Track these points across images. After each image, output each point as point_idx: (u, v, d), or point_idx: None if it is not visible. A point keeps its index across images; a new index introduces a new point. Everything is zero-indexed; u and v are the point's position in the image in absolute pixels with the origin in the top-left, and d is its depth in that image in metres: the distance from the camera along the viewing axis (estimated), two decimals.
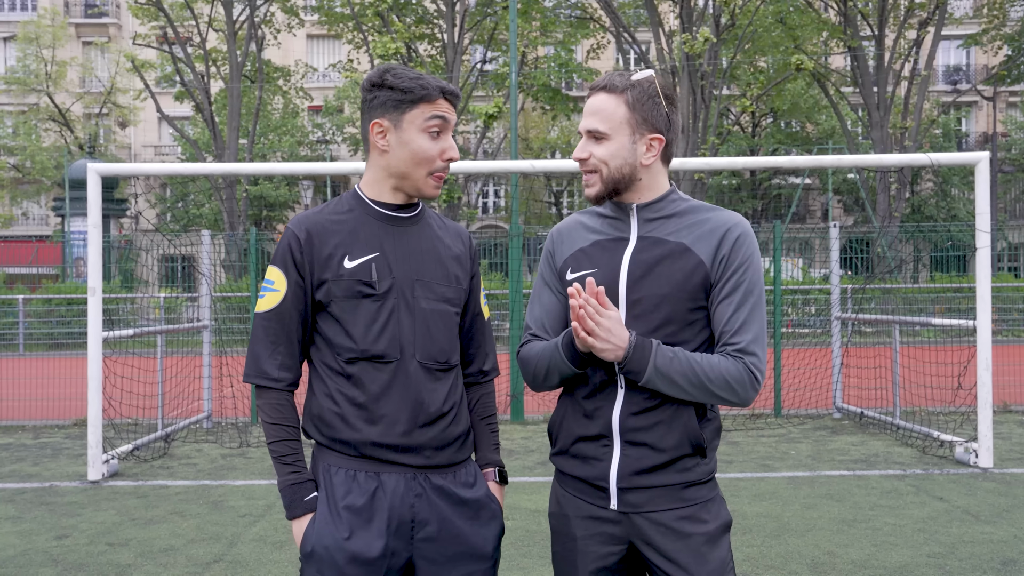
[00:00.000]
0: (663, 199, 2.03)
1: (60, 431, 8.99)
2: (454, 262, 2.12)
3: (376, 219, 2.06)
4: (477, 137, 29.55)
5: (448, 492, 2.04)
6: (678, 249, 1.97)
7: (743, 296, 1.95)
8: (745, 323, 1.95)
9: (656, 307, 1.96)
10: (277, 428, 2.02)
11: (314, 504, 2.00)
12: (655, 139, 2.00)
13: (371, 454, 1.99)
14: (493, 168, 7.90)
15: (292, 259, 2.02)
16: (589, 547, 2.02)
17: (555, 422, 2.12)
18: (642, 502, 1.97)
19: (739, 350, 1.94)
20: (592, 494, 2.02)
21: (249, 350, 2.06)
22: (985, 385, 6.79)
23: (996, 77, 29.96)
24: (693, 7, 23.02)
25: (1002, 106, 37.17)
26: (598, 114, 1.98)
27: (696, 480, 2.00)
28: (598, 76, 29.77)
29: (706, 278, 1.96)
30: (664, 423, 1.96)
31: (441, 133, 2.02)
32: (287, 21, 28.93)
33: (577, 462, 2.05)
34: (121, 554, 4.83)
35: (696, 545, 1.96)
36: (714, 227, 1.98)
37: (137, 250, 21.27)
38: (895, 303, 15.45)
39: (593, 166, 2.00)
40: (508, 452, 7.60)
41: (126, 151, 40.10)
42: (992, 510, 5.53)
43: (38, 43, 35.18)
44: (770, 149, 35.53)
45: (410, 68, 2.03)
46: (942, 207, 35.40)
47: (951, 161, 7.44)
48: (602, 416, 2.00)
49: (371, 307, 2.00)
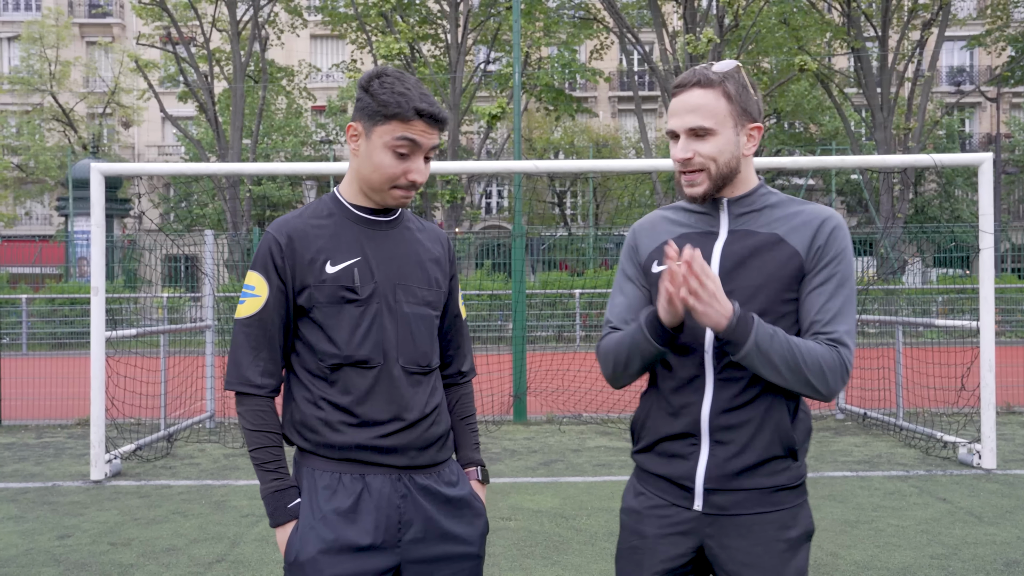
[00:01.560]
0: (753, 193, 1.99)
1: (63, 431, 9.00)
2: (434, 265, 2.11)
3: (356, 223, 2.04)
4: (480, 137, 29.55)
5: (433, 491, 2.03)
6: (771, 240, 1.92)
7: (836, 287, 1.90)
8: (839, 313, 1.89)
9: (750, 298, 1.89)
10: (259, 435, 1.99)
11: (297, 511, 1.98)
12: (755, 128, 1.96)
13: (356, 457, 1.97)
14: (496, 168, 7.89)
15: (273, 264, 1.99)
16: (660, 546, 1.96)
17: (638, 419, 2.06)
18: (729, 504, 1.91)
19: (833, 339, 1.87)
20: (675, 493, 1.96)
21: (230, 357, 2.03)
22: (988, 386, 6.78)
23: (1000, 78, 29.90)
24: (697, 8, 23.00)
25: (1006, 107, 37.11)
26: (699, 110, 1.90)
27: (786, 484, 1.93)
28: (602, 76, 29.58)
29: (800, 268, 1.91)
30: (755, 422, 1.89)
31: (409, 155, 1.97)
32: (291, 21, 28.96)
33: (661, 460, 1.98)
34: (123, 554, 4.83)
35: (777, 552, 1.89)
36: (808, 219, 1.94)
37: (140, 250, 21.29)
38: (898, 304, 15.42)
39: (700, 164, 1.92)
40: (511, 452, 7.59)
41: (130, 151, 40.16)
42: (995, 511, 5.52)
43: (42, 43, 35.24)
44: (774, 150, 35.48)
45: (407, 77, 1.98)
46: (945, 208, 35.35)
47: (955, 162, 7.42)
48: (690, 413, 1.93)
49: (354, 312, 1.98)
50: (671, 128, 1.96)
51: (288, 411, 2.05)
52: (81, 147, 33.91)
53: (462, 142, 32.84)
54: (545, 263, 22.31)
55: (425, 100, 1.95)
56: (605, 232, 28.23)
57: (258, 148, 29.31)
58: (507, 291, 15.04)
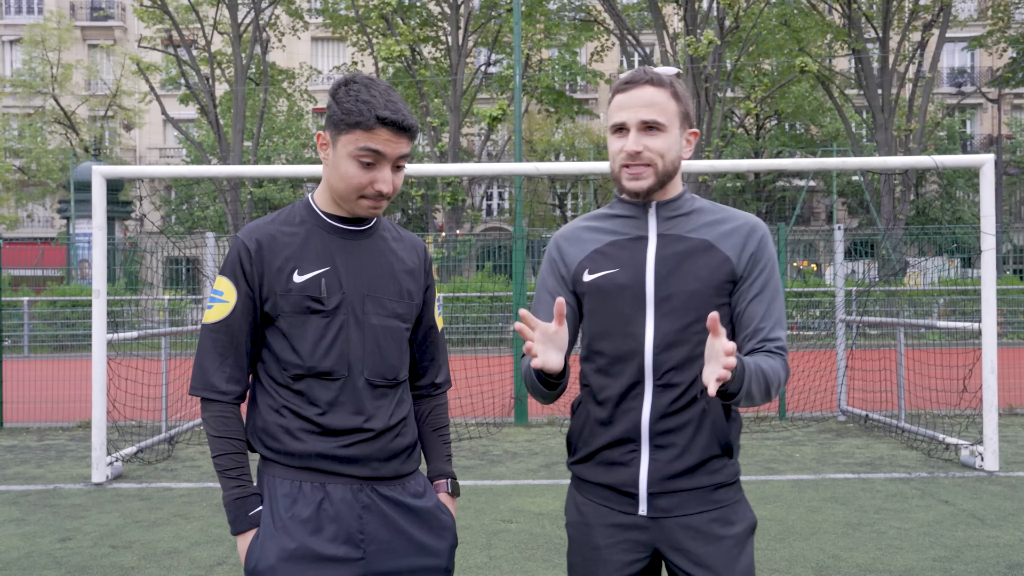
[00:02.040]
0: (680, 197, 2.03)
1: (64, 433, 9.00)
2: (407, 276, 2.08)
3: (328, 232, 2.01)
4: (481, 139, 29.55)
5: (397, 502, 2.00)
6: (702, 246, 1.96)
7: (773, 294, 1.97)
8: (779, 321, 1.97)
9: (685, 304, 1.93)
10: (223, 441, 1.97)
11: (258, 519, 1.96)
12: (693, 134, 2.02)
13: (316, 466, 1.95)
14: (497, 170, 7.89)
15: (242, 270, 1.96)
16: (613, 556, 1.97)
17: (574, 430, 2.07)
18: (672, 506, 1.95)
19: (780, 347, 1.95)
20: (619, 501, 1.98)
21: (196, 362, 2.00)
22: (990, 388, 6.77)
23: (1001, 79, 29.90)
24: (697, 10, 23.01)
25: (1007, 108, 37.09)
26: (654, 106, 1.93)
27: (725, 482, 1.98)
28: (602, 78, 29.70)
29: (731, 274, 1.95)
30: (693, 423, 1.93)
31: (374, 164, 1.93)
32: (292, 24, 29.01)
33: (602, 469, 2.00)
34: (125, 556, 4.83)
35: (727, 548, 1.93)
36: (738, 226, 1.99)
37: (142, 252, 21.31)
38: (900, 306, 15.41)
39: (648, 159, 1.94)
40: (512, 454, 7.59)
41: (131, 153, 40.21)
42: (998, 513, 5.51)
43: (44, 46, 35.29)
44: (774, 151, 35.49)
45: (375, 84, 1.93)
46: (947, 209, 35.35)
47: (956, 163, 7.42)
48: (628, 420, 1.95)
49: (319, 323, 1.96)
50: (620, 121, 1.96)
51: (252, 418, 2.02)
52: (83, 150, 33.94)
53: (463, 144, 32.86)
54: None
55: (389, 107, 1.90)
56: None
57: (259, 150, 29.34)
58: (508, 293, 15.04)
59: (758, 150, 35.86)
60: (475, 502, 5.93)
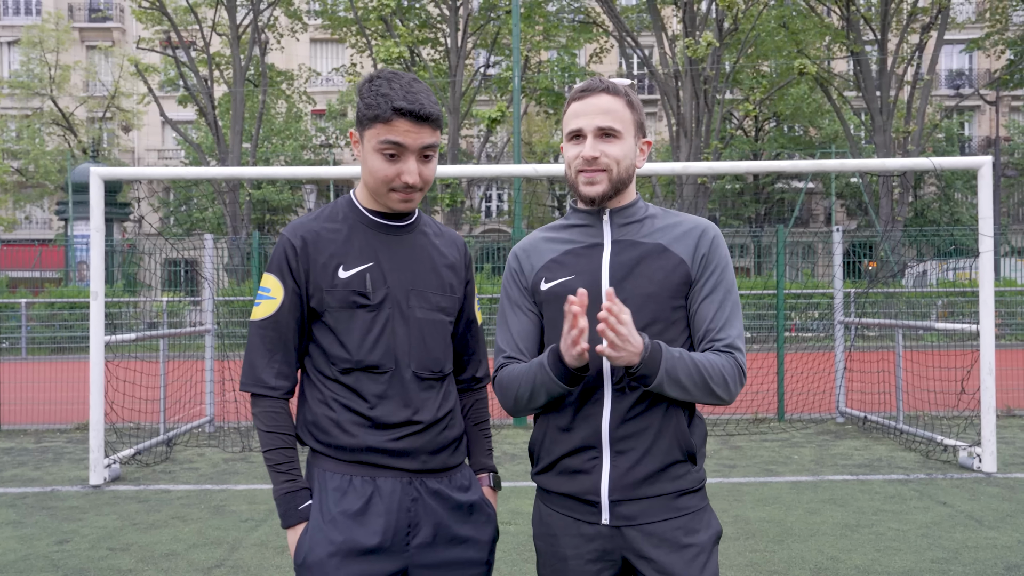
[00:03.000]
0: (633, 204, 2.05)
1: (62, 435, 8.99)
2: (449, 270, 2.11)
3: (370, 228, 2.05)
4: (480, 141, 29.56)
5: (444, 496, 2.03)
6: (656, 249, 1.99)
7: (724, 294, 1.98)
8: (729, 320, 1.97)
9: (641, 307, 1.94)
10: (273, 436, 2.00)
11: (308, 513, 1.99)
12: (647, 143, 2.06)
13: (367, 459, 1.98)
14: (496, 172, 7.90)
15: (288, 267, 2.00)
16: (580, 566, 1.97)
17: (536, 440, 2.07)
18: (635, 514, 1.94)
19: (728, 345, 1.95)
20: (582, 510, 1.97)
21: (245, 358, 2.05)
22: (988, 389, 6.77)
23: (999, 81, 29.92)
24: (696, 11, 23.03)
25: (1005, 110, 37.13)
26: (610, 113, 1.97)
27: (688, 488, 1.97)
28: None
29: (686, 276, 1.97)
30: (653, 428, 1.93)
31: (398, 156, 1.95)
32: (290, 25, 29.00)
33: (564, 478, 1.99)
34: (122, 559, 4.82)
35: (691, 555, 1.93)
36: (689, 229, 2.01)
37: (140, 254, 21.29)
38: (898, 307, 15.42)
39: (604, 165, 1.97)
40: (511, 457, 7.58)
41: (129, 155, 40.19)
42: (996, 515, 5.51)
43: (42, 47, 35.29)
44: (773, 153, 35.51)
45: (398, 77, 1.95)
46: (945, 211, 35.38)
47: (954, 165, 7.42)
48: (589, 426, 1.95)
49: (366, 317, 1.99)
50: (576, 127, 1.99)
51: (301, 412, 2.06)
52: (81, 151, 33.92)
53: (462, 146, 32.85)
54: None
55: (407, 98, 1.91)
56: None
57: (258, 152, 29.34)
58: None
59: (757, 152, 35.88)
60: None
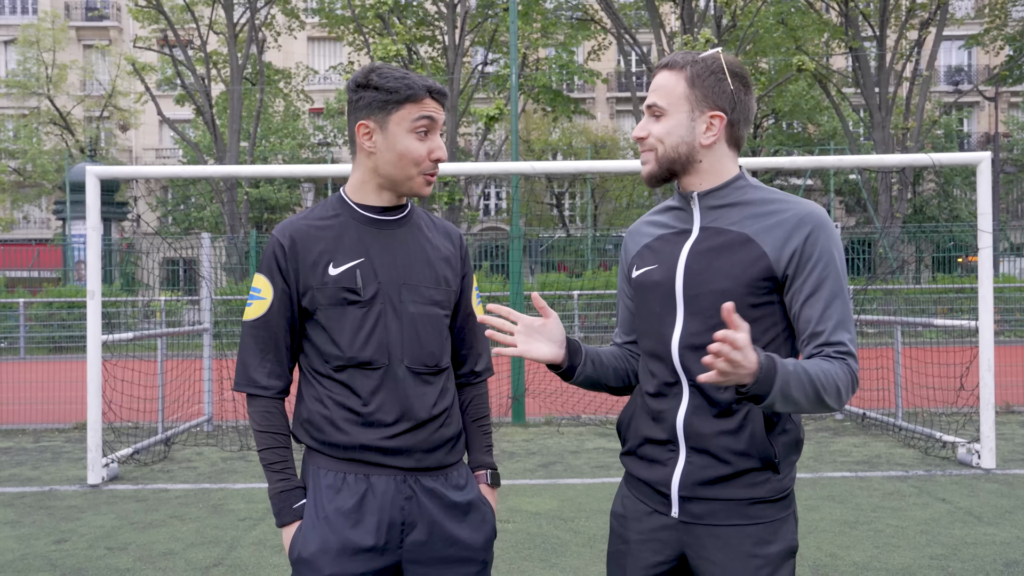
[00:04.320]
0: (727, 185, 1.90)
1: (60, 435, 8.97)
2: (443, 263, 2.10)
3: (361, 223, 2.04)
4: (478, 139, 29.54)
5: (439, 494, 2.02)
6: (738, 240, 1.83)
7: (831, 293, 1.79)
8: (840, 322, 1.79)
9: (713, 304, 1.82)
10: (267, 436, 2.01)
11: (302, 511, 2.00)
12: (715, 116, 1.87)
13: (360, 457, 1.98)
14: (494, 170, 7.88)
15: (278, 266, 2.01)
16: (642, 553, 1.94)
17: (623, 421, 2.04)
18: (703, 514, 1.87)
19: (842, 352, 1.78)
20: (655, 499, 1.94)
21: (238, 358, 2.06)
22: (987, 386, 6.76)
23: (998, 77, 29.91)
24: (694, 8, 23.01)
25: (1004, 106, 37.13)
26: (658, 90, 1.90)
27: (765, 497, 1.86)
28: (599, 77, 29.71)
29: (767, 271, 1.80)
30: (730, 432, 1.83)
31: (429, 133, 1.99)
32: (288, 23, 28.95)
33: (643, 464, 1.96)
34: (120, 558, 4.81)
35: (755, 567, 1.83)
36: (785, 218, 1.83)
37: (138, 253, 21.26)
38: (897, 304, 15.41)
39: (650, 145, 1.91)
40: (509, 454, 7.57)
41: (127, 154, 40.14)
42: (995, 511, 5.50)
43: (39, 46, 35.21)
44: (772, 150, 35.50)
45: (397, 68, 2.00)
46: (944, 208, 35.37)
47: (953, 161, 7.41)
48: (668, 419, 1.90)
49: (357, 314, 1.98)
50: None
51: (298, 409, 2.06)
52: (78, 150, 33.86)
53: (460, 143, 32.84)
54: (543, 264, 22.30)
55: (425, 79, 1.98)
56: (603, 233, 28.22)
57: (256, 151, 29.29)
58: (505, 293, 14.99)
59: (756, 149, 35.88)
60: None
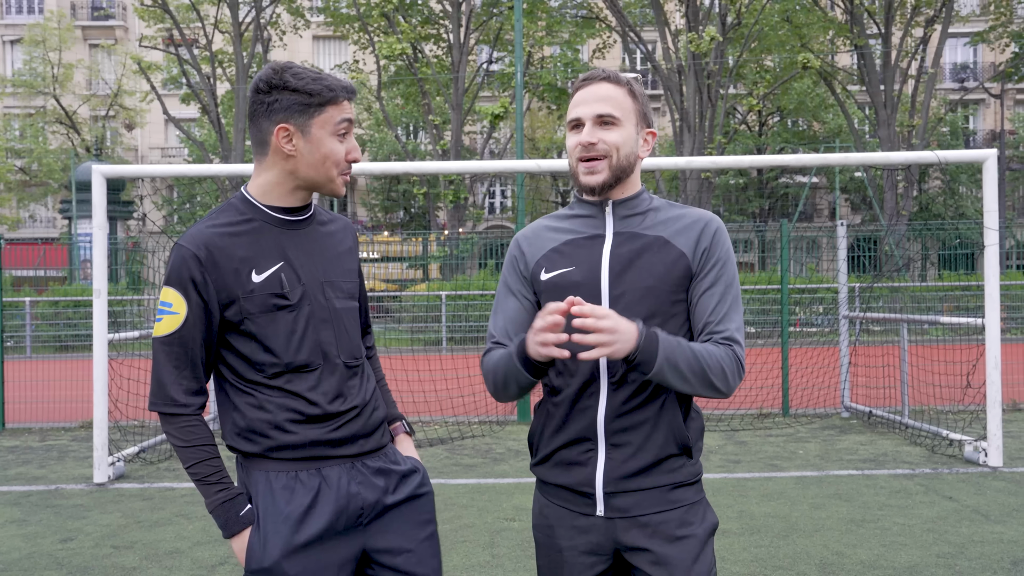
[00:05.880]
0: (637, 197, 2.03)
1: (66, 433, 9.00)
2: (348, 256, 2.12)
3: (275, 225, 2.00)
4: (483, 137, 29.55)
5: (386, 471, 2.07)
6: (657, 242, 1.97)
7: (725, 287, 1.96)
8: (728, 313, 1.95)
9: (640, 300, 1.93)
10: (194, 450, 1.96)
11: (251, 517, 1.96)
12: (651, 133, 2.04)
13: (311, 453, 1.98)
14: (499, 168, 7.88)
15: (192, 280, 1.91)
16: (575, 558, 1.99)
17: (534, 431, 2.08)
18: (629, 506, 1.94)
19: (727, 338, 1.93)
20: (577, 502, 1.99)
21: (152, 376, 1.98)
22: (994, 383, 6.74)
23: (1003, 74, 29.82)
24: (699, 6, 22.97)
25: (1010, 103, 36.99)
26: (608, 100, 1.95)
27: (683, 481, 1.97)
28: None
29: (687, 270, 1.96)
30: (650, 422, 1.93)
31: (347, 134, 1.99)
32: (293, 22, 28.97)
33: (560, 469, 2.01)
34: (126, 557, 4.82)
35: (687, 547, 1.93)
36: (692, 222, 2.00)
37: (144, 252, 21.30)
38: (903, 302, 15.38)
39: (603, 151, 1.95)
40: (515, 452, 7.57)
41: (133, 153, 40.23)
42: (1002, 509, 5.49)
43: (45, 46, 35.29)
44: (777, 148, 35.43)
45: (304, 67, 1.96)
46: (950, 205, 35.27)
47: (959, 159, 7.39)
48: (584, 419, 1.95)
49: (288, 318, 1.96)
50: (576, 116, 1.99)
51: (230, 420, 2.00)
52: (84, 150, 33.95)
53: (465, 142, 32.84)
54: None
55: (339, 79, 1.97)
56: None
57: None
58: None
59: (761, 147, 35.81)
60: (478, 500, 5.92)
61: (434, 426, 8.72)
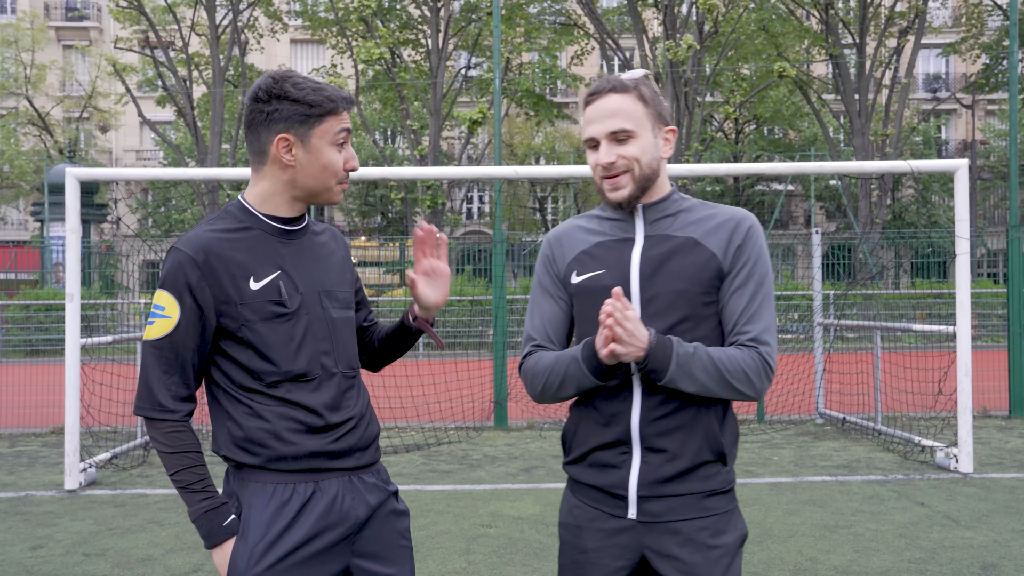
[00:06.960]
0: (667, 198, 2.01)
1: (37, 439, 8.87)
2: (342, 266, 2.12)
3: (272, 234, 1.99)
4: (461, 143, 29.55)
5: (378, 487, 2.07)
6: (688, 244, 1.94)
7: (755, 287, 1.93)
8: (757, 313, 1.92)
9: (672, 304, 1.92)
10: (180, 457, 1.91)
11: (235, 527, 1.92)
12: (670, 131, 1.99)
13: (310, 465, 1.95)
14: (477, 174, 7.89)
15: (188, 284, 1.89)
16: (601, 559, 1.96)
17: (569, 430, 2.06)
18: (662, 511, 1.93)
19: (752, 339, 1.90)
20: (609, 504, 1.97)
21: (140, 380, 1.95)
22: (965, 390, 6.83)
23: (975, 85, 30.27)
24: (677, 14, 23.12)
25: (980, 114, 37.53)
26: (619, 114, 1.92)
27: (717, 489, 1.95)
28: (582, 82, 29.85)
29: (719, 271, 1.93)
30: (684, 428, 1.91)
31: (345, 144, 1.98)
32: (270, 26, 28.84)
33: (594, 471, 1.99)
34: (98, 564, 4.76)
35: (715, 557, 1.91)
36: (723, 221, 1.96)
37: (117, 256, 21.07)
38: (876, 309, 15.54)
39: (624, 166, 1.93)
40: (491, 459, 7.56)
41: (107, 155, 39.81)
42: (972, 515, 5.55)
43: (17, 46, 34.85)
44: (753, 156, 35.71)
45: (305, 76, 1.96)
46: (923, 213, 35.70)
47: (931, 168, 7.49)
48: (620, 422, 1.94)
49: (285, 327, 1.94)
50: (591, 135, 1.96)
51: (225, 430, 1.97)
52: (57, 151, 33.55)
53: (443, 147, 32.78)
54: (526, 269, 22.31)
55: (338, 90, 1.97)
56: None
57: (237, 153, 29.13)
58: (488, 297, 15.00)
59: (737, 154, 36.07)
60: (454, 506, 5.90)
61: (410, 432, 8.69)
